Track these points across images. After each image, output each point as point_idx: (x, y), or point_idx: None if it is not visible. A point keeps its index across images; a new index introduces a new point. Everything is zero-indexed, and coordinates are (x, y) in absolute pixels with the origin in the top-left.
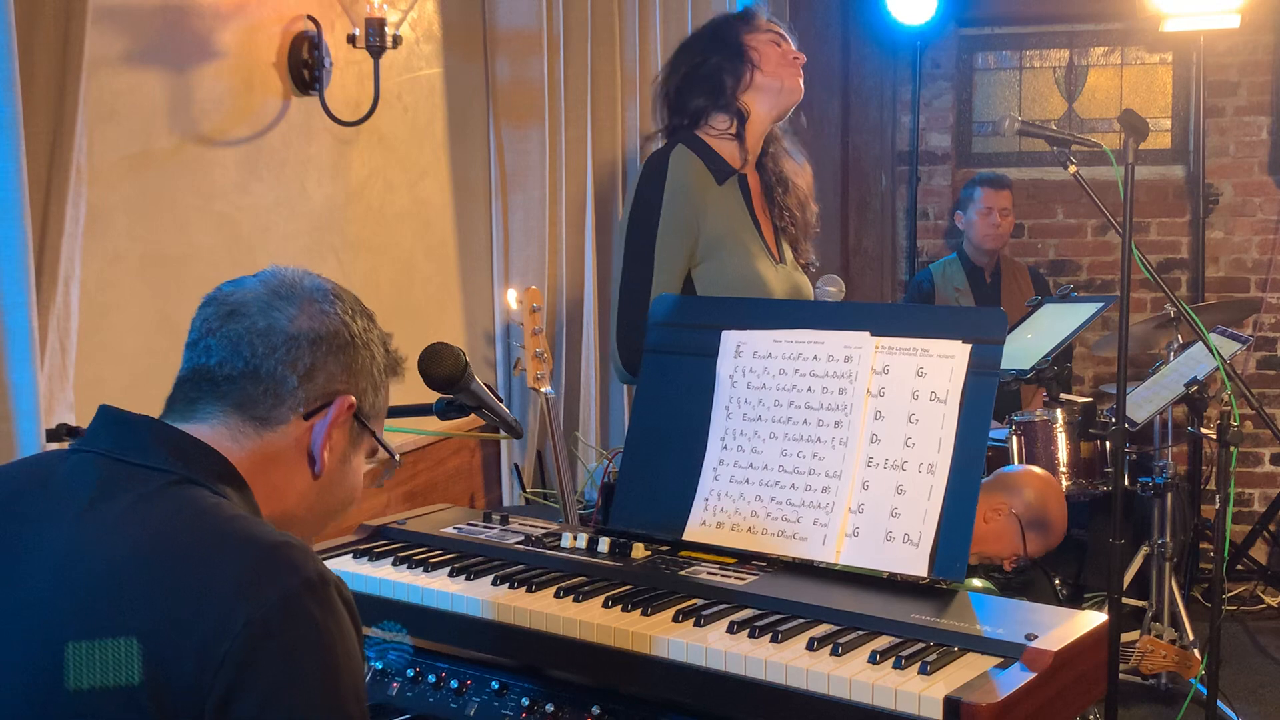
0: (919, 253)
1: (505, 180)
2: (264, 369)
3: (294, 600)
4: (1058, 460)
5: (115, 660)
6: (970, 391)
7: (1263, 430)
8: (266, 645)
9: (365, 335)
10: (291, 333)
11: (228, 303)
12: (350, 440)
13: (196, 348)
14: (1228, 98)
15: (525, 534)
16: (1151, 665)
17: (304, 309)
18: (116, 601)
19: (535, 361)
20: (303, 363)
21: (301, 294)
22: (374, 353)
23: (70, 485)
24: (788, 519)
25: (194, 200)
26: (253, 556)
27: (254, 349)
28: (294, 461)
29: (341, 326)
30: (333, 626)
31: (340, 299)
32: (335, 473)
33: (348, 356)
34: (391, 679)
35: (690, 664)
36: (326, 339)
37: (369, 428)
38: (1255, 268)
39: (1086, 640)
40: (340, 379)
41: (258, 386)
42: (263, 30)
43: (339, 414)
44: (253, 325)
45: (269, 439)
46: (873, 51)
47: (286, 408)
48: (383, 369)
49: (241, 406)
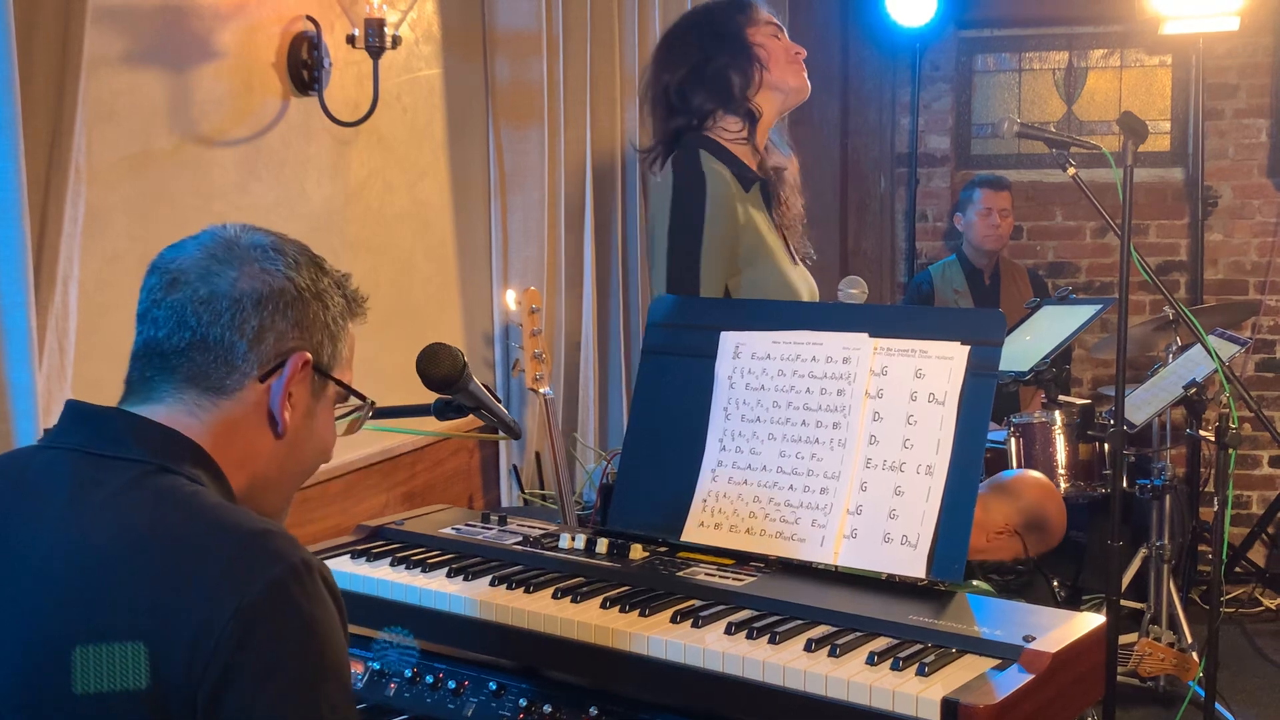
0: (918, 254)
1: (504, 181)
2: (211, 337)
3: (280, 587)
4: (1056, 462)
5: (104, 654)
6: (969, 393)
7: (1261, 432)
8: (255, 632)
9: (314, 286)
10: (234, 296)
11: (169, 270)
12: (313, 394)
13: (145, 319)
14: (1227, 100)
15: (523, 535)
16: (1150, 668)
17: (244, 270)
18: (101, 595)
19: (534, 362)
20: (249, 325)
21: (240, 254)
22: (326, 302)
23: (45, 482)
24: (786, 520)
25: (193, 200)
26: (238, 545)
27: (199, 318)
28: (256, 426)
29: (286, 282)
30: (318, 612)
31: (282, 253)
32: (301, 429)
33: (296, 312)
34: (389, 679)
35: (688, 665)
36: (271, 298)
37: (332, 377)
38: (1254, 270)
39: (1085, 642)
40: (291, 336)
41: (208, 356)
42: (262, 30)
43: (294, 372)
44: (194, 293)
45: (227, 408)
46: (872, 53)
47: (240, 374)
48: (339, 316)
49: (194, 379)
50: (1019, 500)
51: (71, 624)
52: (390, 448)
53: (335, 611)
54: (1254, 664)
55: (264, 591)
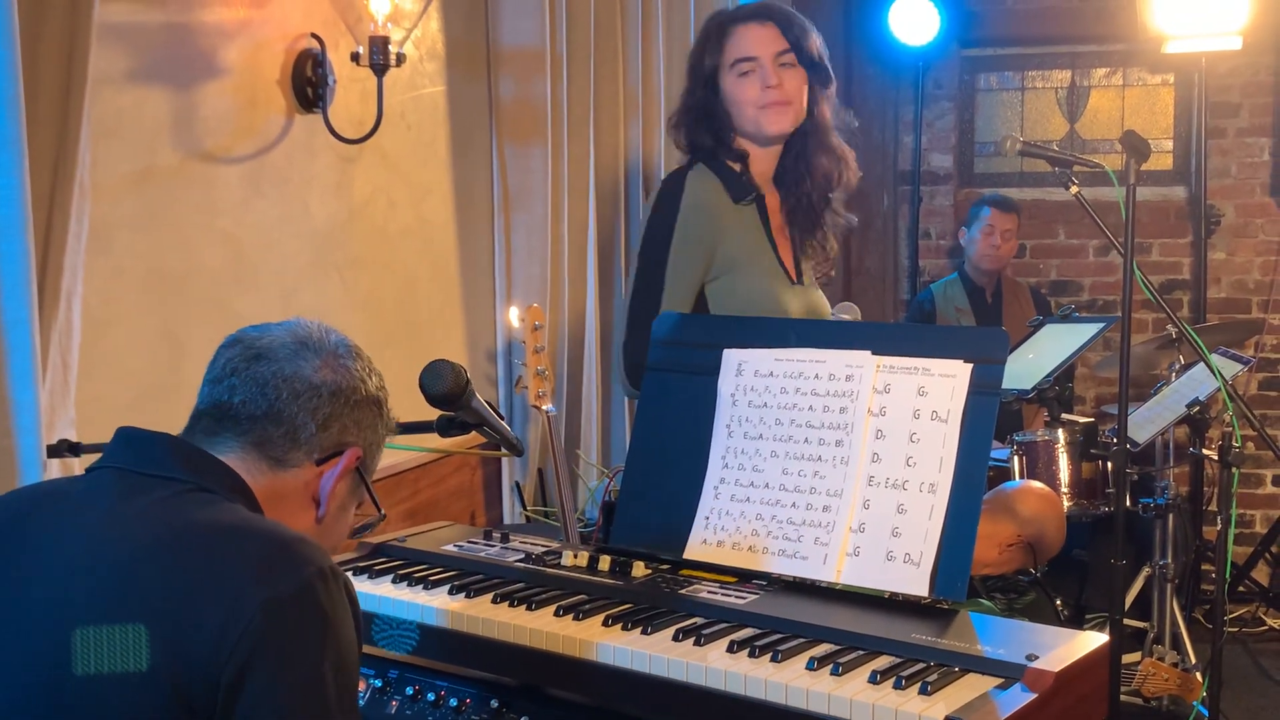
0: (920, 272)
1: (508, 198)
2: (286, 413)
3: (308, 588)
4: (1059, 480)
5: (134, 641)
6: (972, 411)
7: (1264, 451)
8: (280, 626)
9: (378, 395)
10: (315, 382)
11: (255, 346)
12: (350, 490)
13: (219, 385)
14: (1229, 119)
15: (526, 552)
16: (1153, 688)
17: (327, 361)
18: (136, 585)
19: (537, 379)
20: (322, 412)
21: (326, 347)
22: (382, 412)
23: (89, 495)
24: (788, 538)
25: (197, 217)
26: (272, 546)
27: (279, 393)
28: (300, 503)
29: (359, 383)
30: (339, 615)
31: (359, 357)
32: (333, 519)
33: (360, 412)
34: (390, 697)
35: (690, 683)
36: (345, 393)
37: (366, 481)
38: (1257, 289)
39: (1088, 661)
40: (352, 432)
41: (278, 428)
42: (267, 48)
43: (349, 464)
44: (279, 370)
45: (281, 478)
46: (875, 71)
47: (301, 452)
48: (385, 428)
49: (260, 445)
50: (1025, 510)
51: (108, 612)
52: (392, 464)
53: (352, 619)
54: (1258, 683)
55: (292, 589)
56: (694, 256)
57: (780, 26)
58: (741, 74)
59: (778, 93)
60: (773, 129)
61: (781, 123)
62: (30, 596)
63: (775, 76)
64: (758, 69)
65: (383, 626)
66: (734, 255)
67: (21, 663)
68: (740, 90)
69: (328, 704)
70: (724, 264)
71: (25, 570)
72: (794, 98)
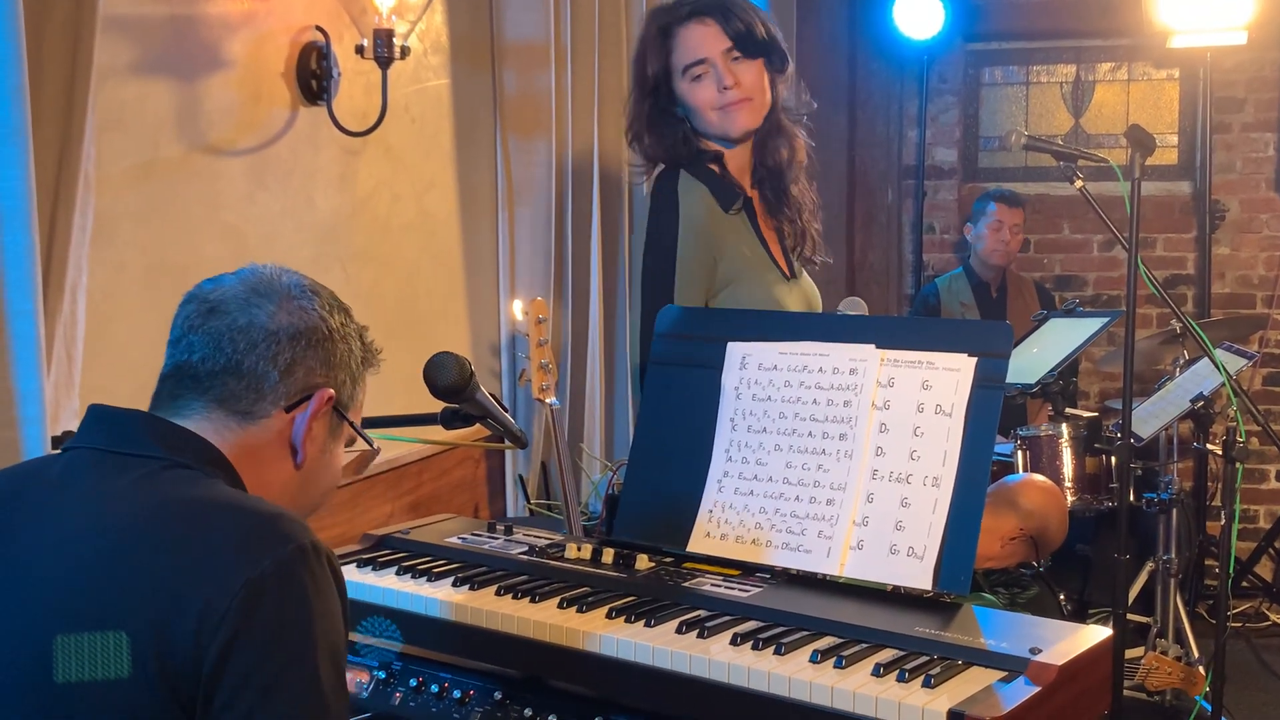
0: (925, 267)
1: (512, 192)
2: (245, 364)
3: (289, 566)
4: (1063, 475)
5: (119, 622)
6: (976, 405)
7: (1268, 447)
8: (261, 605)
9: (343, 329)
10: (271, 329)
11: (208, 300)
12: (330, 431)
13: (179, 345)
14: (1234, 114)
15: (529, 544)
16: (1157, 682)
17: (282, 305)
18: (120, 566)
19: (540, 372)
20: (283, 357)
21: (280, 290)
22: (351, 346)
23: (68, 476)
24: (792, 531)
25: (201, 210)
26: (251, 524)
27: (235, 345)
28: (277, 453)
29: (319, 321)
30: (323, 592)
31: (317, 294)
32: (316, 463)
33: (326, 350)
34: (394, 688)
35: (694, 675)
36: (305, 334)
37: (347, 418)
38: (1261, 284)
39: (1091, 655)
40: (319, 372)
41: (240, 382)
42: (271, 41)
43: (319, 406)
44: (233, 322)
45: (252, 432)
46: (879, 66)
47: (268, 402)
48: (360, 362)
49: (224, 401)
50: (1028, 503)
51: (86, 593)
52: (396, 457)
53: (338, 595)
54: (1260, 678)
55: (273, 568)
56: (698, 278)
57: (720, 22)
58: (695, 78)
59: (736, 92)
60: (736, 130)
61: (745, 121)
62: (14, 581)
63: (730, 76)
64: (710, 70)
65: (386, 618)
66: (735, 267)
67: (9, 649)
68: (696, 95)
69: (318, 684)
70: (725, 278)
71: (7, 552)
72: (754, 92)
